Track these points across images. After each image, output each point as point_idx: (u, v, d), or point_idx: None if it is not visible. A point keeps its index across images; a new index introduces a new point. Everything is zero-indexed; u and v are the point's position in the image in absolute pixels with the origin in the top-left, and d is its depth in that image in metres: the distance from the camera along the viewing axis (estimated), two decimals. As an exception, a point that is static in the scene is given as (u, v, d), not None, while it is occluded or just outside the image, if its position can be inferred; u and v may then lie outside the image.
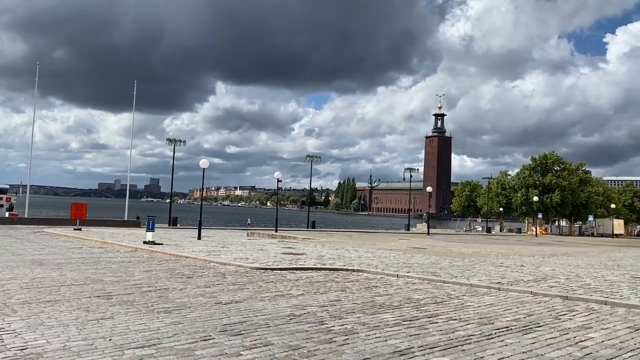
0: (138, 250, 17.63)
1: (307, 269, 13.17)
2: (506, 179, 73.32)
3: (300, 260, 15.16)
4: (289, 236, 29.56)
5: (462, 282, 11.09)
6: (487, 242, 32.47)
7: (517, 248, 26.75)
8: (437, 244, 27.65)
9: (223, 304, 8.31)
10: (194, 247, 18.62)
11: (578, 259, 20.01)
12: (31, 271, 11.60)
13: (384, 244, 25.55)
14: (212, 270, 12.77)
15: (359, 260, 15.77)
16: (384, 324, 7.08)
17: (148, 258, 15.26)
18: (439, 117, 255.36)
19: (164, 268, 12.83)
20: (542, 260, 18.82)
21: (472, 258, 18.31)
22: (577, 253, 24.29)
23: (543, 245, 32.32)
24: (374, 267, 13.81)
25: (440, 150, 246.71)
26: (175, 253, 16.30)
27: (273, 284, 10.75)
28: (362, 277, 12.18)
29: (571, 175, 67.80)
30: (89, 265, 13.03)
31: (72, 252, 16.17)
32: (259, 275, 11.95)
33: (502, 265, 15.97)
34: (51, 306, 7.83)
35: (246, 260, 14.46)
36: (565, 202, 65.61)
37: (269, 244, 22.42)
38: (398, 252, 19.75)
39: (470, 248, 24.79)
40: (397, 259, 16.56)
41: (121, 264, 13.54)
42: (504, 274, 13.06)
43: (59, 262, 13.52)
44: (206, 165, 24.83)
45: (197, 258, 15.08)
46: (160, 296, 8.94)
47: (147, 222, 20.20)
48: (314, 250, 18.87)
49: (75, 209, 27.81)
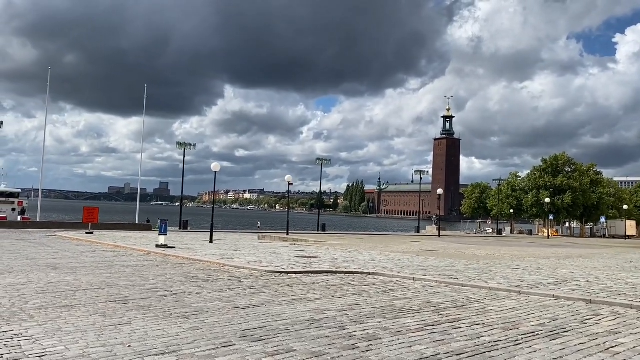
0: (151, 253, 17.59)
1: (322, 272, 13.04)
2: (516, 181, 72.76)
3: (315, 263, 15.02)
4: (300, 239, 29.43)
5: (480, 285, 10.91)
6: (499, 245, 32.17)
7: (531, 250, 26.45)
8: (449, 246, 27.41)
9: (241, 309, 8.20)
10: (206, 251, 18.55)
11: (594, 261, 19.71)
12: (46, 275, 11.56)
13: (396, 246, 25.36)
14: (226, 274, 12.68)
15: (373, 263, 15.62)
16: (406, 329, 6.94)
17: (162, 262, 15.19)
18: (447, 119, 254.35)
19: (178, 272, 12.75)
20: (557, 262, 18.56)
21: (487, 260, 18.09)
22: (591, 255, 23.96)
23: (556, 247, 31.97)
24: (389, 270, 13.65)
25: (448, 153, 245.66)
26: (189, 257, 16.23)
27: (289, 287, 10.62)
28: (378, 280, 12.03)
29: (582, 176, 67.13)
30: (103, 269, 12.97)
31: (85, 256, 16.14)
32: (274, 279, 11.83)
33: (519, 267, 15.75)
34: (68, 311, 7.75)
35: (260, 264, 14.35)
36: (576, 204, 64.98)
37: (281, 247, 22.32)
38: (411, 255, 19.56)
39: (483, 250, 24.54)
40: (411, 262, 16.38)
41: (135, 267, 13.48)
42: (522, 277, 12.85)
43: (73, 266, 13.48)
44: (218, 169, 24.79)
45: (211, 262, 14.99)
46: (176, 301, 8.84)
47: (160, 225, 20.16)
48: (327, 254, 18.73)
49: (88, 212, 27.86)
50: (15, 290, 9.49)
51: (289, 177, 34.29)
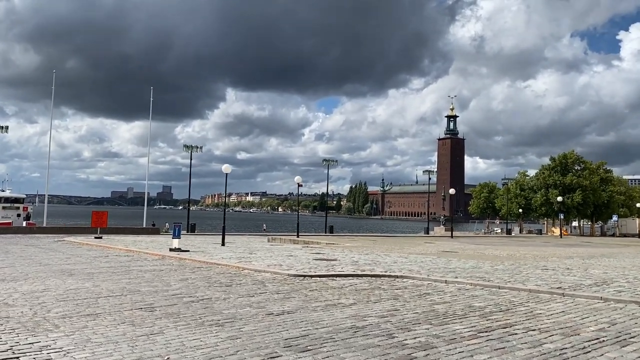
0: (166, 257, 17.15)
1: (347, 275, 12.57)
2: (525, 180, 72.18)
3: (336, 266, 14.56)
4: (311, 241, 28.98)
5: (518, 287, 10.43)
6: (514, 244, 31.65)
7: (550, 250, 25.92)
8: (465, 247, 26.91)
9: (275, 315, 7.74)
10: (221, 254, 18.10)
11: (620, 261, 19.19)
12: (63, 282, 11.13)
13: (412, 248, 24.87)
14: (248, 278, 12.22)
15: (396, 265, 15.14)
16: (459, 336, 6.46)
17: (179, 266, 14.75)
18: (451, 119, 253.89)
19: (199, 276, 12.30)
20: (584, 262, 18.05)
21: (510, 261, 17.59)
22: (614, 254, 23.43)
23: (573, 246, 31.43)
24: (416, 272, 13.17)
25: (453, 152, 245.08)
26: (205, 260, 15.79)
27: (318, 292, 10.16)
28: (408, 283, 11.56)
29: (592, 174, 66.48)
30: (121, 274, 12.53)
31: (99, 261, 15.71)
32: (299, 283, 11.37)
33: (547, 268, 15.25)
34: (93, 320, 7.32)
35: (280, 267, 13.89)
36: (587, 202, 64.32)
37: (295, 249, 21.86)
38: (432, 256, 19.07)
39: (501, 251, 24.03)
40: (434, 264, 15.90)
41: (153, 272, 13.04)
42: (558, 278, 12.35)
43: (89, 271, 13.05)
44: (229, 171, 24.38)
45: (229, 265, 14.55)
46: (205, 307, 8.40)
47: (173, 229, 19.73)
48: (345, 256, 18.27)
49: (96, 217, 27.45)
50: (35, 298, 9.06)
51: (299, 178, 33.89)
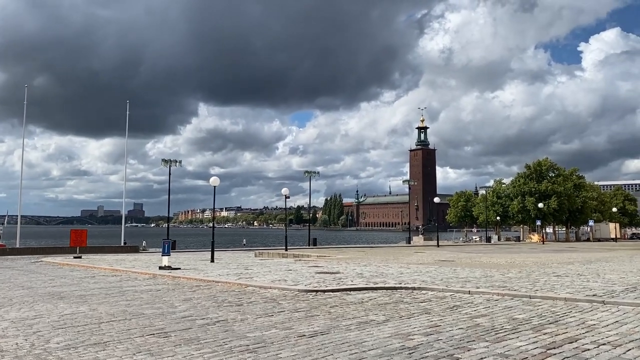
0: (157, 276, 16.11)
1: (361, 289, 11.83)
2: (501, 188, 72.74)
3: (343, 279, 13.80)
4: (301, 254, 28.13)
5: (550, 296, 9.86)
6: (504, 252, 31.36)
7: (544, 256, 25.66)
8: (458, 255, 26.45)
9: (309, 337, 6.96)
10: (215, 271, 17.14)
11: (622, 265, 18.96)
12: (54, 306, 10.10)
13: (406, 258, 24.27)
14: (256, 295, 11.37)
15: (405, 276, 14.47)
16: (530, 354, 5.80)
17: (175, 285, 13.77)
18: (421, 130, 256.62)
19: (202, 296, 11.39)
20: (587, 267, 17.72)
21: (516, 269, 17.13)
22: (609, 258, 23.29)
23: (562, 252, 31.31)
24: (431, 283, 12.52)
25: (424, 163, 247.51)
26: (202, 278, 14.83)
27: (340, 308, 9.40)
28: (429, 295, 10.88)
29: (566, 181, 67.42)
30: (116, 296, 11.53)
31: (87, 283, 14.60)
32: (315, 299, 10.58)
33: (558, 274, 14.80)
34: (103, 350, 6.42)
35: (286, 283, 13.07)
36: (562, 208, 65.11)
37: (290, 263, 21.00)
38: (434, 266, 18.48)
39: (496, 259, 23.62)
40: (442, 274, 15.29)
41: (150, 293, 12.06)
42: (581, 284, 11.87)
43: (80, 294, 11.99)
44: (217, 183, 23.41)
45: (230, 282, 13.64)
46: (225, 330, 7.55)
47: (163, 246, 18.67)
48: (346, 268, 17.52)
49: (75, 235, 26.04)
50: (28, 327, 8.07)
51: (286, 190, 32.96)
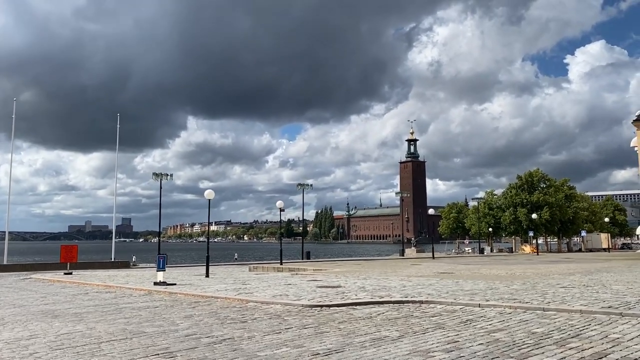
0: (153, 292, 15.65)
1: (367, 303, 11.50)
2: (493, 199, 72.82)
3: (346, 294, 13.46)
4: (297, 268, 27.72)
5: (565, 308, 9.59)
6: (501, 263, 31.14)
7: (542, 267, 25.47)
8: (456, 267, 26.19)
9: (323, 355, 6.62)
10: (212, 286, 16.72)
11: (624, 275, 18.79)
12: (49, 325, 9.66)
13: (404, 270, 23.96)
14: (259, 311, 10.99)
15: (407, 290, 14.15)
16: (561, 371, 5.50)
17: (173, 301, 13.34)
18: (411, 143, 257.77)
19: (203, 312, 10.99)
20: (590, 278, 17.53)
21: (519, 280, 16.88)
22: (608, 268, 23.16)
23: (559, 263, 31.16)
24: (438, 296, 12.22)
25: (414, 175, 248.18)
26: (200, 294, 14.40)
27: (349, 324, 9.06)
28: (439, 309, 10.57)
29: (557, 191, 67.66)
30: (113, 313, 11.09)
31: (81, 300, 14.13)
32: (321, 315, 10.23)
33: (564, 285, 14.57)
34: (107, 373, 6.02)
35: (288, 298, 12.71)
36: (554, 219, 65.25)
37: (288, 277, 20.60)
38: (434, 278, 18.19)
39: (496, 270, 23.37)
40: (446, 286, 14.99)
41: (148, 310, 11.64)
42: (592, 296, 11.63)
43: (75, 312, 11.54)
44: (212, 196, 23.03)
45: (230, 298, 13.24)
46: (233, 349, 7.19)
47: (157, 261, 18.23)
48: (346, 282, 17.17)
49: (66, 251, 25.45)
50: (23, 348, 7.65)
51: (280, 202, 32.58)
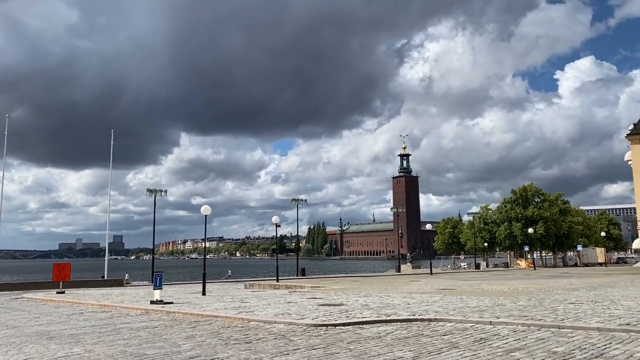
0: (150, 311, 15.21)
1: (374, 322, 11.16)
2: (488, 214, 72.70)
3: (350, 312, 13.11)
4: (294, 285, 27.28)
5: (581, 326, 9.31)
6: (501, 279, 30.86)
7: (543, 282, 25.22)
8: (457, 283, 25.88)
9: (338, 379, 6.27)
10: (212, 304, 16.30)
11: (629, 290, 18.58)
12: (45, 348, 9.25)
13: (405, 287, 23.62)
14: (263, 331, 10.62)
15: (413, 307, 13.83)
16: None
17: (172, 321, 12.93)
18: (404, 158, 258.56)
19: (205, 332, 10.59)
20: (596, 293, 17.31)
21: (524, 296, 16.60)
22: (611, 283, 22.95)
23: (557, 278, 30.93)
24: (445, 314, 11.91)
25: (407, 190, 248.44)
26: (199, 312, 13.99)
27: (359, 344, 8.72)
28: (449, 327, 10.25)
29: (552, 206, 67.65)
30: (111, 334, 10.68)
31: (76, 320, 13.67)
32: (327, 334, 9.87)
33: (571, 301, 14.30)
34: (110, 400, 5.65)
35: (290, 317, 12.34)
36: (549, 233, 65.15)
37: (286, 295, 20.20)
38: (438, 295, 17.86)
39: (497, 286, 23.08)
40: (452, 303, 14.67)
41: (147, 330, 11.23)
42: (605, 312, 11.36)
43: (71, 333, 11.11)
44: (208, 212, 22.63)
45: (231, 317, 12.85)
46: (242, 373, 6.83)
47: (154, 279, 17.79)
48: (348, 299, 16.81)
49: (58, 270, 24.89)
50: (19, 373, 7.25)
51: (276, 218, 32.23)
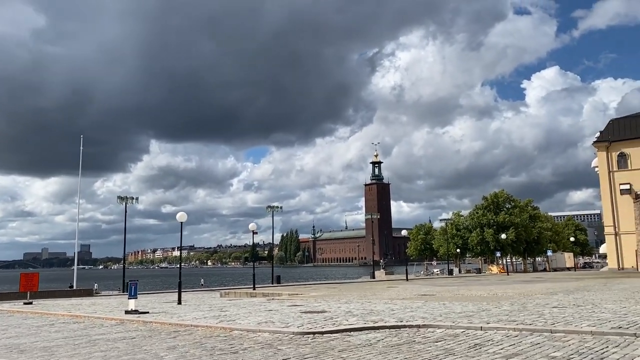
0: (126, 322, 14.61)
1: (362, 329, 10.88)
2: (460, 220, 73.41)
3: (335, 319, 12.81)
4: (271, 293, 26.84)
5: (574, 330, 9.22)
6: (475, 284, 30.98)
7: (520, 287, 25.38)
8: (435, 289, 25.84)
9: (337, 390, 5.97)
10: (189, 314, 15.78)
11: (605, 294, 18.78)
12: (16, 363, 8.68)
13: (384, 293, 23.45)
14: (247, 340, 10.23)
15: (398, 313, 13.61)
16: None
17: (150, 331, 12.40)
18: (376, 165, 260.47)
19: (187, 343, 10.14)
20: (575, 297, 17.45)
21: (506, 301, 16.58)
22: (584, 287, 23.22)
23: (532, 282, 31.23)
24: (433, 320, 11.71)
25: (379, 197, 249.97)
26: (178, 322, 13.49)
27: (351, 352, 8.44)
28: (439, 333, 10.05)
29: (522, 212, 68.72)
30: (87, 346, 10.13)
31: (47, 332, 13.01)
32: (315, 343, 9.55)
33: (554, 305, 14.31)
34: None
35: (274, 325, 11.97)
36: (519, 239, 66.11)
37: (264, 303, 19.76)
38: (419, 301, 17.71)
39: (476, 291, 23.08)
40: (436, 309, 14.52)
41: (125, 341, 10.71)
42: (592, 315, 11.34)
43: (43, 345, 10.52)
44: (184, 219, 22.06)
45: (212, 326, 12.40)
46: (233, 385, 6.46)
47: (129, 287, 17.15)
48: (329, 306, 16.50)
49: (26, 280, 23.88)
50: (-11, 390, 6.72)
51: (253, 225, 31.72)
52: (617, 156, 56.36)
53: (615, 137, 56.62)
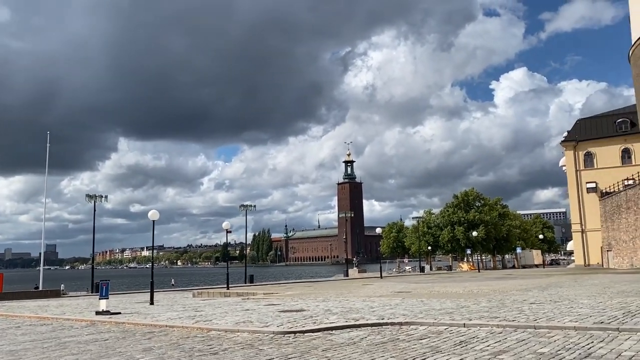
0: (97, 323, 14.11)
1: (343, 327, 10.69)
2: (431, 218, 74.09)
3: (315, 317, 12.59)
4: (246, 292, 26.47)
5: (557, 325, 9.21)
6: (449, 281, 31.18)
7: (493, 283, 25.61)
8: (410, 286, 25.87)
9: (326, 391, 5.75)
10: (163, 314, 15.35)
11: (578, 289, 19.05)
12: (-19, 368, 8.20)
13: (360, 291, 23.35)
14: (226, 340, 9.93)
15: (378, 311, 13.48)
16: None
17: (123, 332, 11.97)
18: (348, 164, 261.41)
19: (163, 344, 9.78)
20: (550, 292, 17.64)
21: (483, 297, 16.63)
22: (556, 283, 23.56)
23: (504, 279, 31.58)
24: (414, 317, 11.61)
25: (352, 196, 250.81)
26: (152, 323, 13.07)
27: (335, 351, 8.23)
28: (423, 331, 9.93)
29: (491, 210, 69.73)
30: (57, 350, 9.67)
31: (13, 335, 12.45)
32: (297, 342, 9.32)
33: (532, 302, 14.39)
34: None
35: (253, 325, 11.69)
36: (489, 237, 67.09)
37: (240, 302, 19.42)
38: (397, 298, 17.64)
39: (451, 288, 23.17)
40: (415, 306, 14.44)
41: (97, 343, 10.27)
42: (571, 311, 11.40)
43: (10, 349, 10.01)
44: (156, 217, 21.51)
45: (188, 327, 12.03)
46: (216, 388, 6.18)
47: (100, 288, 16.59)
48: (307, 305, 16.28)
49: (-11, 280, 23.00)
50: (-47, 398, 6.28)
51: (227, 223, 31.22)
52: (584, 155, 57.66)
53: (582, 137, 57.91)
